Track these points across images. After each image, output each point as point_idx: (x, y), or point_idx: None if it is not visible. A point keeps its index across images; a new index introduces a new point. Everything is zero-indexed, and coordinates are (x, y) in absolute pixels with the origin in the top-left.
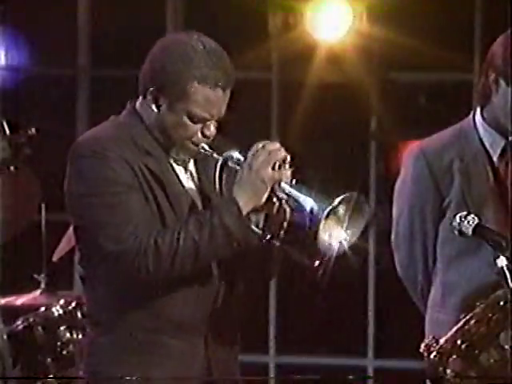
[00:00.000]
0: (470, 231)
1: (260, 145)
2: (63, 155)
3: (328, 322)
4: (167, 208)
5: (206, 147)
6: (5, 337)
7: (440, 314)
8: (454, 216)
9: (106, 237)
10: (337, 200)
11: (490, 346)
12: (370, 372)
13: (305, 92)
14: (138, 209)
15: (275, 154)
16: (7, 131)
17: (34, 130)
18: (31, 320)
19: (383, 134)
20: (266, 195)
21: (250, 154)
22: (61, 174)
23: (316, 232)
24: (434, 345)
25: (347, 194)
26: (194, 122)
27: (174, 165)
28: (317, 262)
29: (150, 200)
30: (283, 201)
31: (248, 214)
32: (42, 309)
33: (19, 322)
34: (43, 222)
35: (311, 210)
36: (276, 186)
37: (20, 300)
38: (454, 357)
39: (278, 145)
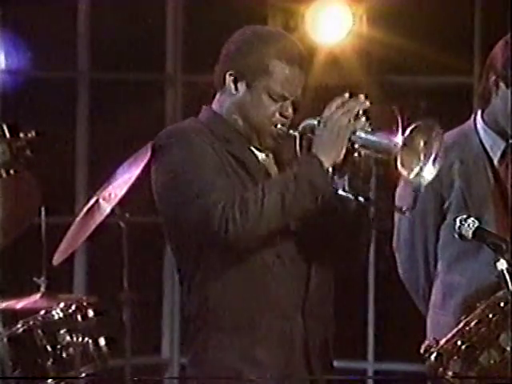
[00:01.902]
0: (470, 234)
1: (334, 104)
2: (63, 158)
3: None
4: (251, 186)
5: (284, 128)
6: (5, 340)
7: (441, 316)
8: (454, 219)
9: (191, 209)
10: (408, 130)
11: (490, 347)
12: (370, 375)
13: (305, 94)
14: (221, 181)
15: (350, 110)
16: (7, 134)
17: (33, 133)
18: (31, 323)
19: None
20: (344, 148)
21: (324, 114)
22: (61, 177)
23: (395, 167)
24: (435, 346)
25: (418, 123)
26: (274, 100)
27: (255, 151)
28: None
29: (234, 182)
30: (363, 154)
31: (333, 174)
32: (42, 312)
33: (19, 326)
34: (43, 226)
35: (387, 148)
36: (353, 137)
37: (20, 303)
38: (455, 358)
39: (351, 100)
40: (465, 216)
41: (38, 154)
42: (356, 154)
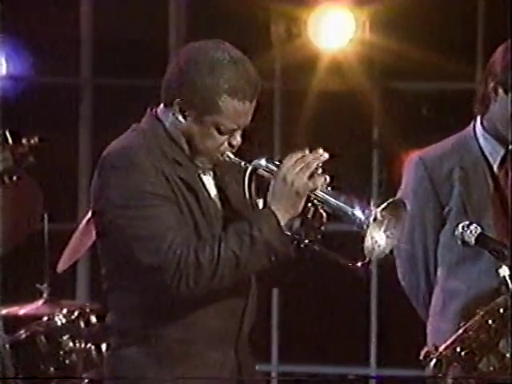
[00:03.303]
0: (472, 240)
1: (293, 157)
2: (66, 165)
3: (330, 330)
4: (200, 216)
5: (232, 156)
6: (7, 346)
7: (440, 322)
8: (457, 225)
9: (143, 249)
10: (381, 207)
11: (489, 354)
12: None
13: (307, 101)
14: (174, 220)
15: (309, 164)
16: (10, 141)
17: (36, 139)
18: (34, 329)
19: (385, 143)
20: (302, 205)
21: (283, 167)
22: (63, 184)
23: (362, 237)
24: (434, 352)
25: (390, 201)
26: (222, 134)
27: (199, 172)
28: (359, 264)
29: (184, 210)
30: (319, 207)
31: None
32: (45, 318)
33: (22, 332)
34: (46, 232)
35: (351, 217)
36: (312, 194)
37: (23, 310)
38: (454, 364)
39: (310, 155)
40: (467, 222)
41: (41, 161)
42: (310, 205)
